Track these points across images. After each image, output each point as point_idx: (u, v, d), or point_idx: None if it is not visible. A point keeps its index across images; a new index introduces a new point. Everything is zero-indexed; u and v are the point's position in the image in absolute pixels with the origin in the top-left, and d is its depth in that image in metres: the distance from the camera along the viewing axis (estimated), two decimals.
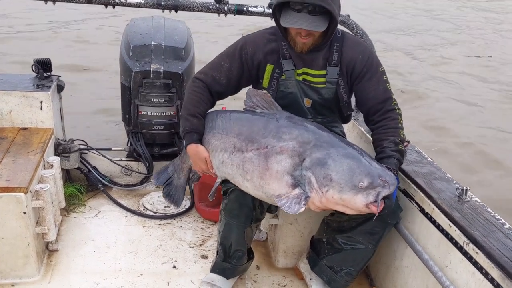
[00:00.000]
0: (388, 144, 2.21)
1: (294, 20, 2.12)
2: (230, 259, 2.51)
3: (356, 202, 1.97)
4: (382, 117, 2.29)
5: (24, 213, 2.40)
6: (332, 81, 2.33)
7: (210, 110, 2.45)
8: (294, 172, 2.05)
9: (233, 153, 2.24)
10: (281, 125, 2.16)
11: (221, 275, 2.56)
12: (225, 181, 2.38)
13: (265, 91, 2.29)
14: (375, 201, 1.96)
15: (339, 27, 2.57)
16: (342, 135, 2.54)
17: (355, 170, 1.98)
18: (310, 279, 2.61)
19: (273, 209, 2.54)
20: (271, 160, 2.10)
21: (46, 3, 3.07)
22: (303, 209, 2.02)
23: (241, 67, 2.36)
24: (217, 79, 2.36)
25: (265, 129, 2.17)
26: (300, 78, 2.34)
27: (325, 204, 2.03)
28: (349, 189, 1.96)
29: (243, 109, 2.35)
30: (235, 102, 2.96)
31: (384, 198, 1.99)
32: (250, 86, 2.47)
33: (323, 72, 2.32)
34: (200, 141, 2.38)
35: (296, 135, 2.11)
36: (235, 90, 2.45)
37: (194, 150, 2.38)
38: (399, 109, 2.33)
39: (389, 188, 1.97)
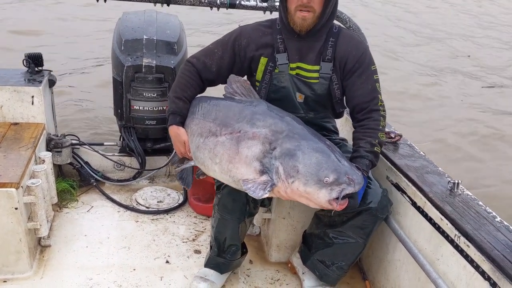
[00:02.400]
0: (363, 144, 2.20)
1: None
2: (225, 254, 2.52)
3: (319, 197, 1.97)
4: (365, 116, 2.27)
5: (16, 208, 2.39)
6: (325, 77, 2.32)
7: (198, 96, 2.45)
8: (264, 159, 2.05)
9: (208, 137, 2.23)
10: (256, 112, 2.16)
11: (215, 270, 2.56)
12: None
13: (245, 78, 2.29)
14: (338, 198, 1.95)
15: (336, 22, 2.58)
16: (335, 131, 2.54)
17: (323, 165, 1.97)
18: (303, 273, 2.62)
19: (266, 203, 2.54)
20: (242, 145, 2.09)
21: None
22: (266, 195, 2.01)
23: (233, 57, 2.35)
24: (208, 66, 2.36)
25: (240, 115, 2.17)
26: (294, 72, 2.33)
27: (290, 195, 2.03)
28: (314, 182, 1.96)
29: (223, 95, 2.34)
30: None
31: (349, 197, 1.98)
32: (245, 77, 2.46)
33: (317, 67, 2.32)
34: (182, 124, 2.39)
35: (270, 124, 2.10)
36: (225, 79, 2.45)
37: (175, 132, 2.38)
38: (384, 110, 2.29)
39: (354, 187, 1.96)
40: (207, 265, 2.58)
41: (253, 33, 2.35)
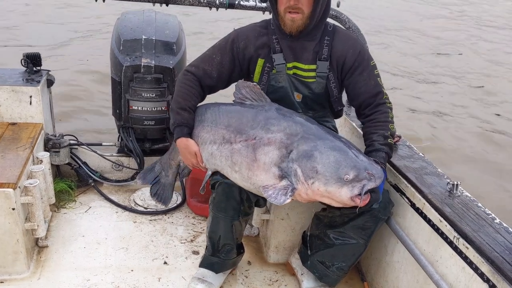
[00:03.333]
0: (377, 137, 2.22)
1: None
2: (219, 253, 2.51)
3: (342, 195, 1.97)
4: (373, 110, 2.29)
5: (13, 209, 2.38)
6: (322, 76, 2.32)
7: (199, 104, 2.43)
8: (281, 164, 2.05)
9: (222, 144, 2.23)
10: (270, 117, 2.16)
11: (209, 269, 2.55)
12: (213, 175, 2.37)
13: (255, 83, 2.29)
14: (360, 194, 1.96)
15: (331, 21, 2.57)
16: (334, 130, 2.54)
17: (341, 163, 1.98)
18: (302, 274, 2.61)
19: (261, 203, 2.53)
20: (258, 152, 2.10)
21: None
22: (289, 200, 2.02)
23: (232, 61, 2.35)
24: (208, 72, 2.35)
25: (254, 121, 2.17)
26: (291, 72, 2.33)
27: (311, 196, 2.03)
28: (334, 181, 1.96)
29: (233, 101, 2.34)
30: (224, 99, 2.93)
31: (371, 191, 1.99)
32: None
33: (313, 67, 2.32)
34: (190, 135, 2.37)
35: (284, 127, 2.11)
36: (226, 84, 2.45)
37: (184, 144, 2.37)
38: (389, 102, 2.33)
39: (375, 181, 1.97)
40: (202, 264, 2.57)
41: (249, 35, 2.35)
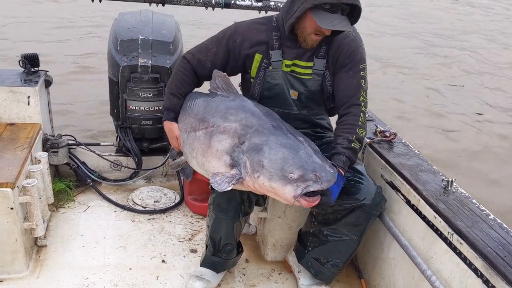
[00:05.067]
0: (341, 140, 2.17)
1: (333, 22, 2.10)
2: (220, 253, 2.52)
3: (285, 193, 1.93)
4: (346, 111, 2.25)
5: (12, 208, 2.39)
6: (318, 73, 2.33)
7: (192, 92, 2.47)
8: (233, 153, 2.04)
9: (190, 132, 2.26)
10: (230, 107, 2.17)
11: (210, 269, 2.57)
12: None
13: (225, 73, 2.30)
14: (307, 195, 1.91)
15: None
16: (329, 128, 2.55)
17: (288, 161, 1.94)
18: (298, 271, 2.63)
19: (261, 202, 2.55)
20: (213, 139, 2.11)
21: None
22: (229, 188, 1.99)
23: (227, 54, 2.35)
24: (203, 62, 2.37)
25: (216, 109, 2.19)
26: (289, 69, 2.34)
27: (259, 189, 2.01)
28: (278, 178, 1.93)
29: (208, 90, 2.36)
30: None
31: (321, 194, 1.95)
32: (239, 75, 2.47)
33: (310, 64, 2.33)
34: (175, 119, 2.42)
35: (241, 118, 2.10)
36: None
37: (168, 127, 2.42)
38: (365, 106, 2.27)
39: (321, 184, 1.90)
40: (203, 264, 2.59)
41: (248, 31, 2.35)
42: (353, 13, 2.17)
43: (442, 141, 6.10)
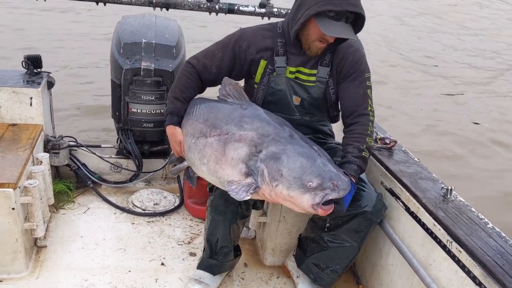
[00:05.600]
0: (351, 149, 2.20)
1: (336, 30, 2.13)
2: (217, 256, 2.53)
3: (303, 201, 1.96)
4: (354, 120, 2.28)
5: (13, 208, 2.40)
6: (322, 81, 2.35)
7: (196, 97, 2.47)
8: (249, 162, 2.06)
9: (199, 138, 2.26)
10: (245, 115, 2.18)
11: (207, 272, 2.58)
12: None
13: (237, 82, 2.32)
14: (322, 203, 1.94)
15: None
16: (331, 134, 2.57)
17: (307, 170, 1.97)
18: (297, 276, 2.64)
19: (259, 206, 2.55)
20: (229, 146, 2.11)
21: (37, 0, 3.07)
22: (248, 197, 2.01)
23: (233, 60, 2.37)
24: (208, 67, 2.38)
25: (229, 117, 2.20)
26: (293, 76, 2.36)
27: (275, 198, 2.03)
28: (297, 187, 1.96)
29: (217, 97, 2.37)
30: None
31: (334, 202, 1.98)
32: (243, 80, 2.49)
33: (314, 71, 2.35)
34: (179, 124, 2.42)
35: (257, 127, 2.12)
36: None
37: (171, 131, 2.42)
38: (373, 116, 2.30)
39: (339, 193, 1.94)
40: (200, 266, 2.60)
41: (253, 36, 2.37)
42: (357, 21, 2.19)
43: None
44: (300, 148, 2.05)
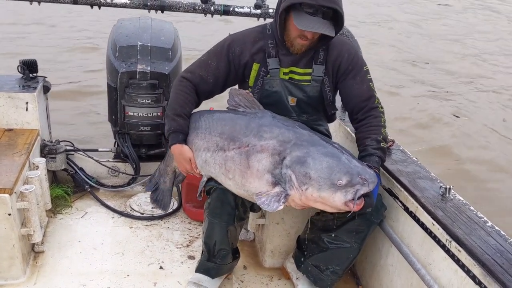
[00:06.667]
0: (370, 142, 2.23)
1: (311, 24, 2.13)
2: (214, 259, 2.52)
3: (335, 200, 1.98)
4: (365, 115, 2.31)
5: (9, 214, 2.39)
6: (317, 79, 2.34)
7: (194, 111, 2.46)
8: (274, 171, 2.06)
9: (216, 152, 2.25)
10: (263, 124, 2.17)
11: (205, 275, 2.56)
12: (208, 180, 2.38)
13: (247, 91, 2.31)
14: (354, 199, 1.96)
15: None
16: (327, 134, 2.56)
17: (334, 168, 1.99)
18: (297, 278, 2.62)
19: (256, 208, 2.54)
20: (252, 159, 2.11)
21: (31, 4, 3.06)
22: (281, 207, 2.03)
23: (228, 66, 2.36)
24: (204, 78, 2.37)
25: (247, 128, 2.19)
26: (287, 77, 2.35)
27: (305, 202, 2.04)
28: (328, 187, 1.97)
29: (226, 108, 2.36)
30: (217, 103, 2.95)
31: (364, 196, 1.99)
32: (237, 85, 2.48)
33: (309, 70, 2.34)
34: (184, 141, 2.39)
35: (277, 134, 2.12)
36: (221, 89, 2.46)
37: (179, 150, 2.38)
38: (381, 107, 2.35)
39: (368, 186, 1.97)
40: (198, 270, 2.58)
41: (245, 40, 2.36)
42: (338, 20, 2.19)
43: None
44: (323, 148, 2.06)
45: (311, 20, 2.13)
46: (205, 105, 2.55)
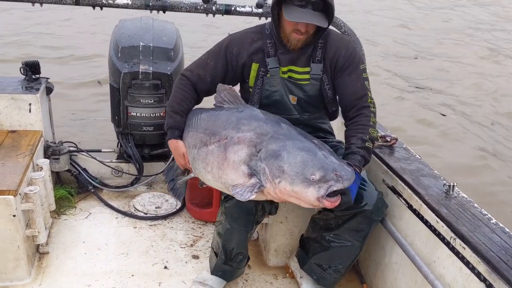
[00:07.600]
0: (355, 140, 2.21)
1: (300, 16, 2.13)
2: (231, 262, 2.52)
3: (308, 195, 1.94)
4: (356, 113, 2.29)
5: (14, 215, 2.40)
6: (316, 78, 2.35)
7: (194, 108, 2.47)
8: (250, 162, 2.05)
9: (201, 148, 2.26)
10: (242, 117, 2.18)
11: (221, 278, 2.57)
12: None
13: (230, 86, 2.32)
14: (328, 196, 1.93)
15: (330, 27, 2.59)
16: (330, 131, 2.56)
17: (308, 163, 1.95)
18: (300, 277, 2.62)
19: (273, 212, 2.53)
20: (229, 150, 2.11)
21: (33, 5, 3.06)
22: (253, 196, 2.00)
23: (226, 66, 2.37)
24: (202, 77, 2.39)
25: (227, 122, 2.20)
26: (286, 76, 2.36)
27: (280, 195, 2.02)
28: (300, 181, 1.94)
29: (213, 104, 2.37)
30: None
31: (341, 193, 1.96)
32: (238, 85, 2.49)
33: (307, 69, 2.35)
34: (180, 137, 2.41)
35: (255, 127, 2.11)
36: None
37: (174, 145, 2.41)
38: (374, 107, 2.32)
39: (343, 183, 1.93)
40: (214, 272, 2.58)
41: (243, 40, 2.37)
42: (328, 11, 2.19)
43: None
44: (300, 143, 2.04)
45: (300, 12, 2.13)
46: (207, 103, 2.56)
